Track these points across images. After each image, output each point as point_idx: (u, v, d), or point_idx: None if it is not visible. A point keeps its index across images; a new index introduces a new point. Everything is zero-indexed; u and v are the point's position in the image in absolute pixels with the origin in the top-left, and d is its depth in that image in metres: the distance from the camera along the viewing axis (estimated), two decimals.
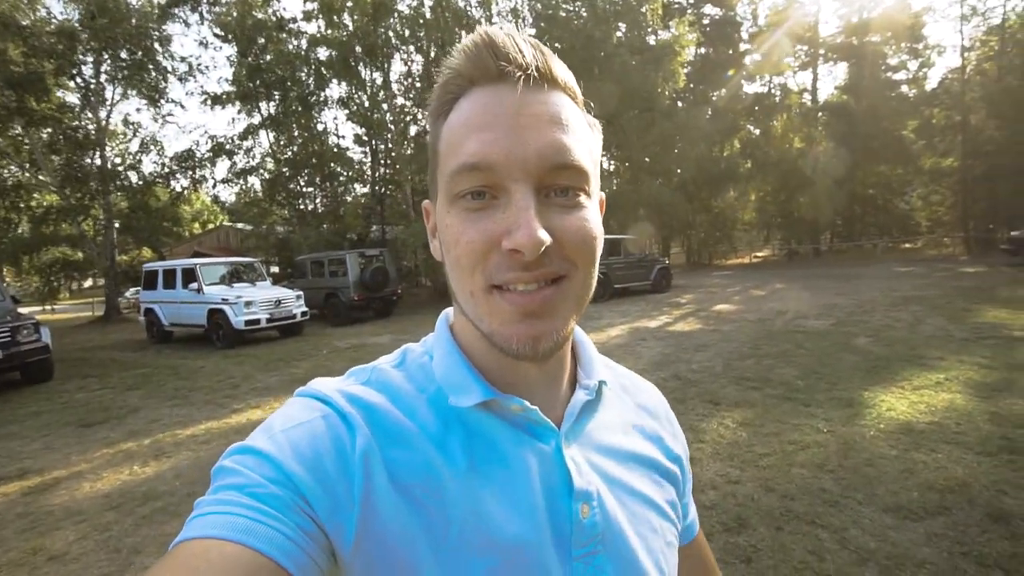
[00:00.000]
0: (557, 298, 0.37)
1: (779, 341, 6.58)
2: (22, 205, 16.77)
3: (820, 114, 27.53)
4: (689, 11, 26.88)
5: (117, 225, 16.81)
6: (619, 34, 19.08)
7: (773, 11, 28.68)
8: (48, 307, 24.02)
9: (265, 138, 17.53)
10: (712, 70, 27.46)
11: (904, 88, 26.83)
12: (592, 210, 0.40)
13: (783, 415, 3.88)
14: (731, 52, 28.57)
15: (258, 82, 16.26)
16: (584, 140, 0.39)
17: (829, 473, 2.90)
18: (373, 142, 17.64)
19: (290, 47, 16.74)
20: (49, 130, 15.16)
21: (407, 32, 15.41)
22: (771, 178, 26.41)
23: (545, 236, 0.34)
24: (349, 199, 18.19)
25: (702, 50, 28.16)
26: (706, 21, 28.27)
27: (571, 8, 18.59)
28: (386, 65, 15.44)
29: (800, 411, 3.94)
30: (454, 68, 0.38)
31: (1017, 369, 4.54)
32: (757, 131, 29.36)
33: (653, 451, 0.51)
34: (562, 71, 0.39)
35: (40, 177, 15.71)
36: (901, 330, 6.69)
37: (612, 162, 23.56)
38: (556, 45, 17.81)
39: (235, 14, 16.19)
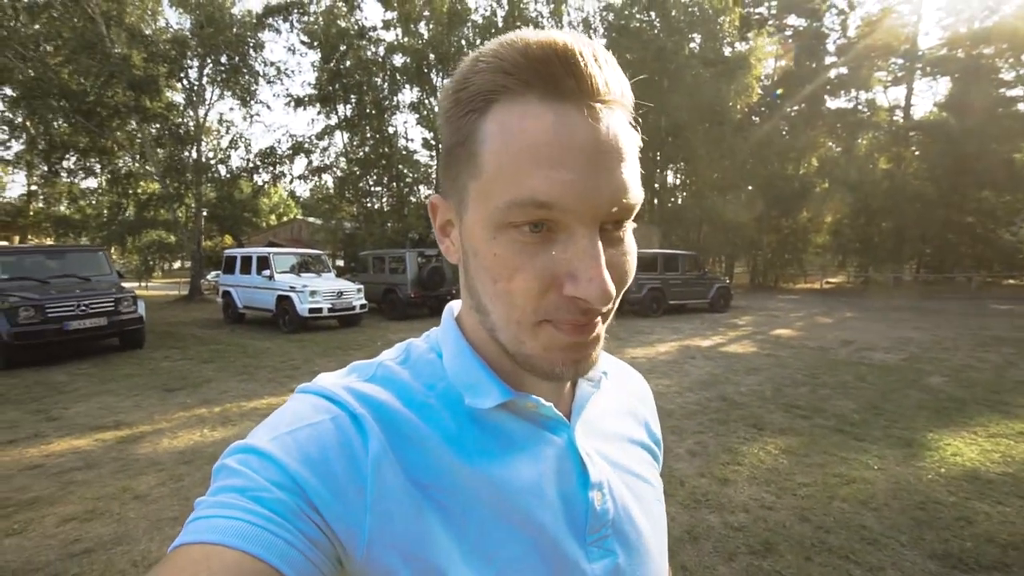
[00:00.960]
0: (602, 328, 0.38)
1: (839, 372, 6.20)
2: (131, 192, 18.84)
3: (912, 133, 25.46)
4: (771, 22, 25.81)
5: (205, 213, 18.45)
6: (693, 45, 18.69)
7: (865, 21, 26.92)
8: (143, 284, 26.72)
9: (340, 139, 18.71)
10: (793, 84, 26.17)
11: (1021, 106, 24.22)
12: (631, 233, 0.39)
13: (831, 447, 3.70)
14: (814, 65, 27.09)
15: (337, 86, 17.37)
16: (637, 162, 0.37)
17: (873, 511, 2.75)
18: (439, 147, 18.31)
19: (369, 54, 17.78)
20: (157, 126, 16.94)
21: (479, 41, 15.91)
22: (850, 199, 24.72)
23: (613, 288, 0.34)
24: (413, 200, 18.97)
25: (782, 63, 26.93)
26: (788, 32, 27.03)
27: (644, 19, 18.43)
28: None
29: (851, 445, 3.73)
30: (508, 64, 0.34)
31: None
32: (838, 149, 27.61)
33: (643, 435, 0.53)
34: (619, 83, 0.36)
35: (147, 167, 17.57)
36: (986, 372, 6.11)
37: (677, 176, 23.01)
38: (627, 56, 17.73)
39: (321, 23, 17.41)
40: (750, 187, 21.73)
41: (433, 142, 18.57)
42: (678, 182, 23.45)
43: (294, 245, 19.21)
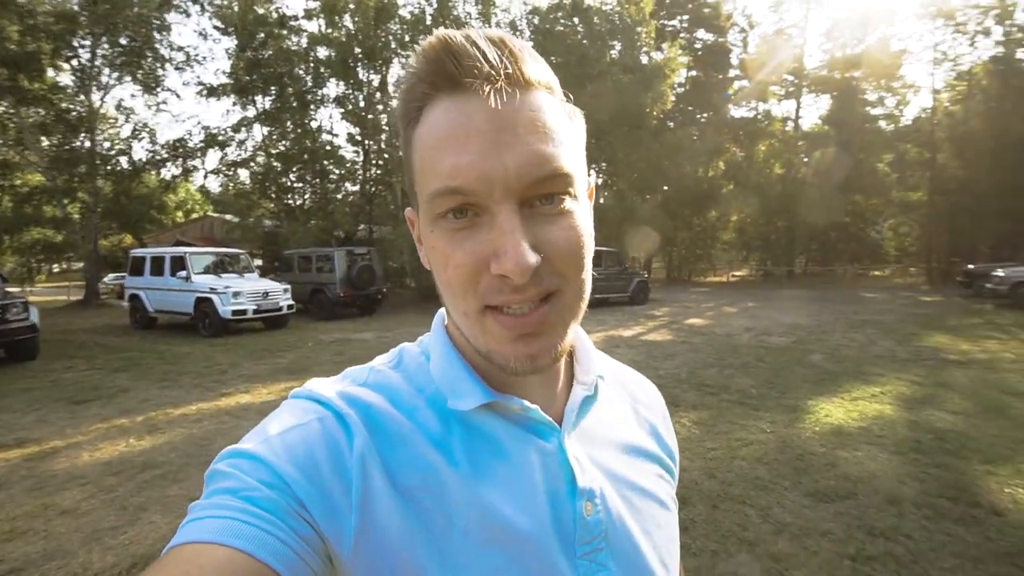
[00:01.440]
0: (552, 315, 0.36)
1: (742, 354, 7.05)
2: (5, 184, 16.59)
3: (800, 143, 28.65)
4: (683, 34, 27.85)
5: (99, 209, 16.73)
6: (613, 53, 19.72)
7: (762, 40, 29.88)
8: (26, 288, 23.60)
9: (258, 132, 17.68)
10: (701, 93, 28.42)
11: (881, 123, 28.11)
12: (580, 212, 0.38)
13: (734, 417, 4.30)
14: (720, 77, 29.63)
15: (255, 76, 16.43)
16: (566, 140, 0.37)
17: (765, 465, 3.31)
18: (366, 142, 17.92)
19: (290, 44, 16.97)
20: (40, 110, 15.08)
21: (407, 37, 15.77)
22: (751, 200, 27.38)
23: (533, 258, 0.33)
24: (339, 197, 18.40)
25: (693, 73, 29.14)
26: (698, 45, 29.30)
27: (568, 24, 19.18)
28: (384, 68, 15.79)
29: (750, 414, 4.36)
30: (416, 74, 0.37)
31: (942, 387, 5.06)
32: (741, 154, 30.40)
33: (652, 445, 0.50)
34: (534, 68, 0.37)
35: (27, 157, 15.58)
36: (854, 349, 7.23)
37: (600, 176, 24.19)
38: (552, 60, 18.37)
39: (236, 7, 16.37)
40: (665, 188, 23.32)
41: (359, 137, 18.11)
42: (601, 183, 24.66)
43: (206, 244, 17.94)
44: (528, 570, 0.37)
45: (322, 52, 16.61)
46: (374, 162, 18.47)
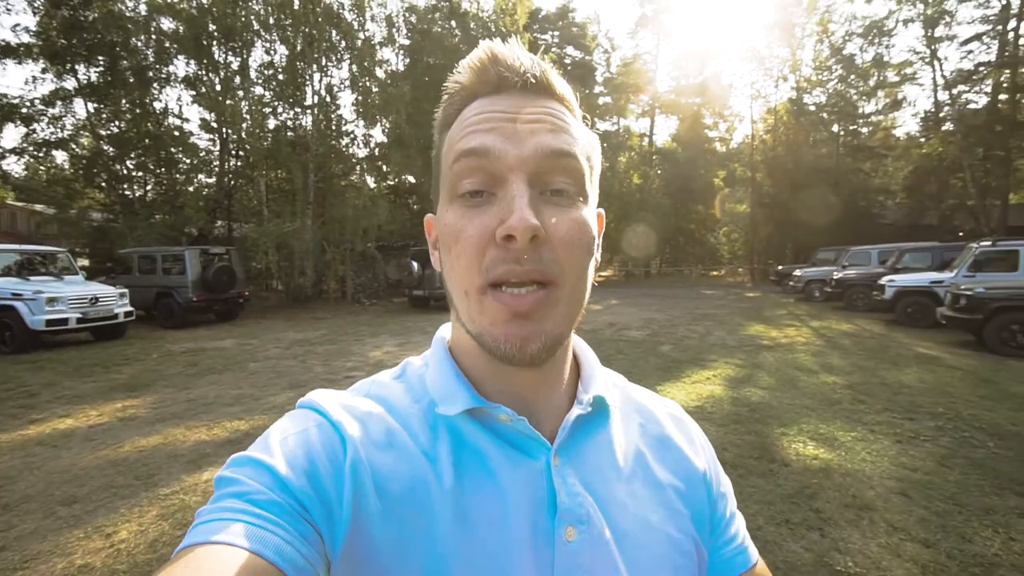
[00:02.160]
0: (548, 301, 0.37)
1: (605, 347, 7.82)
2: None
3: (655, 156, 32.29)
4: (554, 49, 29.62)
5: None
6: None
7: (622, 63, 33.04)
8: None
9: (82, 108, 14.90)
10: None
11: (717, 144, 32.92)
12: (587, 214, 0.40)
13: None
14: (587, 92, 32.13)
15: (75, 41, 13.82)
16: (580, 147, 0.40)
17: None
18: (224, 130, 16.12)
19: (123, 8, 14.57)
20: None
21: (272, 19, 14.54)
22: (615, 207, 30.17)
23: (535, 221, 0.35)
24: (191, 190, 16.29)
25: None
26: (568, 61, 31.42)
27: (446, 27, 19.27)
28: (245, 51, 14.37)
29: None
30: (459, 82, 0.41)
31: (757, 367, 6.20)
32: (606, 164, 33.28)
33: (670, 477, 0.47)
34: (560, 84, 0.41)
35: None
36: (695, 340, 8.43)
37: None
38: (429, 60, 18.32)
39: None
40: None
41: (215, 124, 16.21)
42: None
43: (7, 239, 14.65)
44: None
45: (167, 24, 14.57)
46: (234, 152, 16.69)
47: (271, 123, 15.54)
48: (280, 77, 15.03)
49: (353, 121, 16.07)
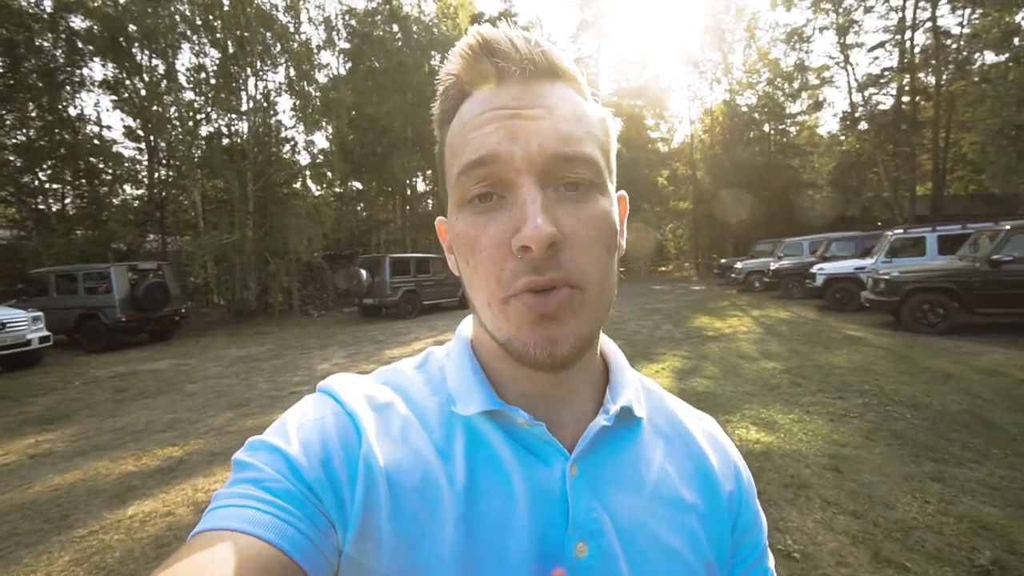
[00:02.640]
0: (575, 302, 0.36)
1: None
2: None
3: None
4: None
5: None
6: (434, 63, 20.13)
7: None
8: None
9: None
10: None
11: (660, 145, 34.11)
12: (606, 204, 0.38)
13: None
14: None
15: None
16: (592, 130, 0.38)
17: None
18: (152, 138, 15.13)
19: (23, 4, 13.36)
20: None
21: (199, 20, 13.78)
22: None
23: (550, 227, 0.33)
24: (117, 202, 15.17)
25: None
26: None
27: (387, 30, 18.97)
28: (172, 53, 13.54)
29: None
30: (452, 73, 0.38)
31: (702, 358, 6.46)
32: None
33: (692, 494, 0.44)
34: (563, 61, 0.38)
35: None
36: (644, 334, 8.68)
37: (426, 183, 24.47)
38: (371, 64, 17.97)
39: None
40: None
41: (141, 132, 15.18)
42: (426, 189, 25.00)
43: None
44: None
45: (79, 23, 13.50)
46: (164, 162, 15.70)
47: (204, 130, 14.74)
48: (212, 81, 14.28)
49: (293, 127, 15.49)
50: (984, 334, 7.01)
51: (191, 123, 13.82)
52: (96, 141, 14.53)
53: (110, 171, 15.04)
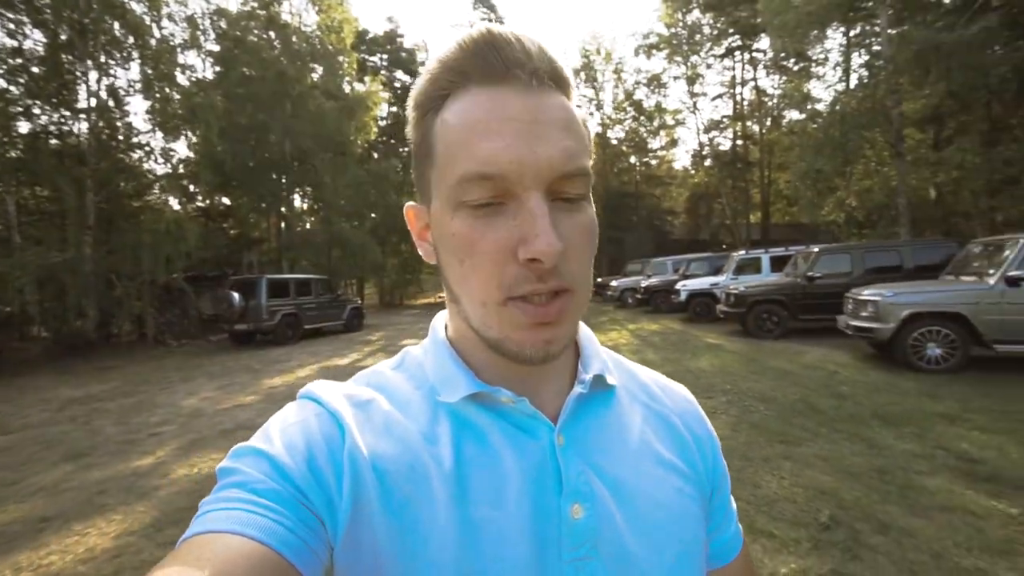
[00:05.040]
0: (571, 307, 0.37)
1: None
2: None
3: None
4: (383, 71, 29.40)
5: None
6: (316, 76, 19.22)
7: None
8: None
9: None
10: (402, 128, 30.51)
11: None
12: (591, 211, 0.40)
13: None
14: None
15: None
16: (586, 142, 0.39)
17: None
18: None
19: None
20: None
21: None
22: None
23: (561, 243, 0.34)
24: None
25: (394, 108, 31.08)
26: (397, 84, 31.48)
27: (263, 37, 17.74)
28: None
29: None
30: (448, 62, 0.37)
31: None
32: None
33: (674, 456, 0.47)
34: (567, 70, 0.39)
35: None
36: None
37: (305, 200, 23.03)
38: (245, 71, 16.64)
39: None
40: (373, 215, 23.90)
41: None
42: (306, 207, 23.53)
43: None
44: (508, 568, 0.37)
45: None
46: None
47: (23, 126, 12.29)
48: (34, 70, 12.03)
49: (148, 132, 13.62)
50: (807, 337, 8.54)
51: (5, 118, 11.46)
52: None
53: None
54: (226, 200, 18.51)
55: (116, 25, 12.30)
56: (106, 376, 8.92)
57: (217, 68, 16.62)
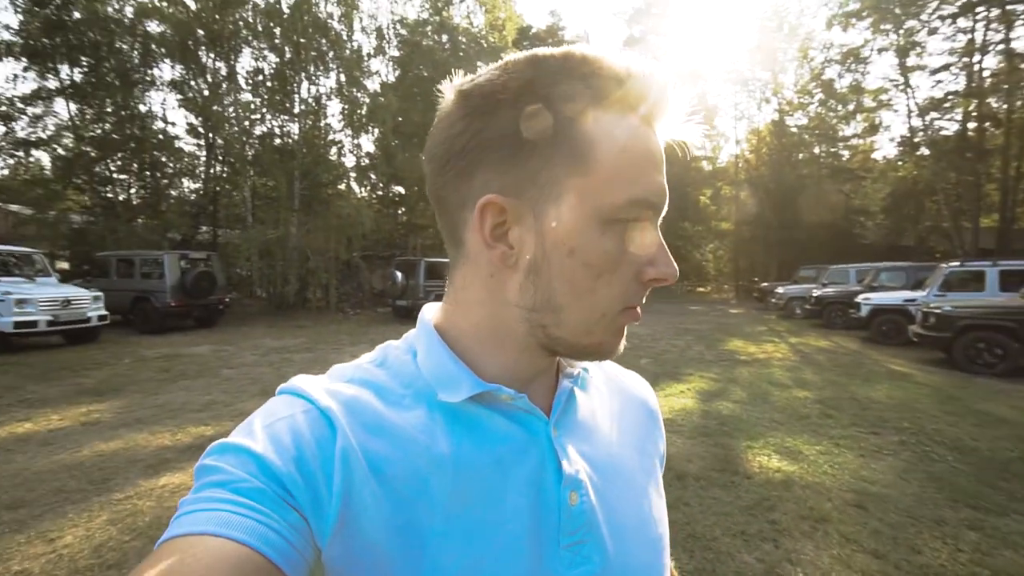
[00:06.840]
0: None
1: None
2: None
3: None
4: None
5: None
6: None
7: None
8: None
9: (65, 109, 14.76)
10: None
11: (704, 163, 33.44)
12: None
13: None
14: None
15: (58, 40, 13.73)
16: None
17: None
18: (211, 135, 16.05)
19: (111, 11, 14.53)
20: None
21: (261, 27, 14.60)
22: None
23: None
24: (174, 194, 16.14)
25: None
26: None
27: (436, 40, 19.48)
28: (233, 56, 14.38)
29: None
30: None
31: (731, 382, 6.25)
32: None
33: (643, 439, 0.52)
34: None
35: None
36: (674, 354, 8.49)
37: None
38: (418, 72, 18.47)
39: None
40: None
41: (202, 130, 16.14)
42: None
43: None
44: (509, 559, 0.38)
45: (154, 27, 14.55)
46: (220, 158, 16.61)
47: (258, 130, 15.52)
48: (269, 84, 15.05)
49: (340, 130, 16.10)
50: None
51: (247, 123, 14.59)
52: (161, 136, 15.55)
53: (171, 165, 16.06)
54: (399, 189, 20.91)
55: (323, 42, 14.67)
56: (298, 333, 10.88)
57: (396, 72, 18.77)
